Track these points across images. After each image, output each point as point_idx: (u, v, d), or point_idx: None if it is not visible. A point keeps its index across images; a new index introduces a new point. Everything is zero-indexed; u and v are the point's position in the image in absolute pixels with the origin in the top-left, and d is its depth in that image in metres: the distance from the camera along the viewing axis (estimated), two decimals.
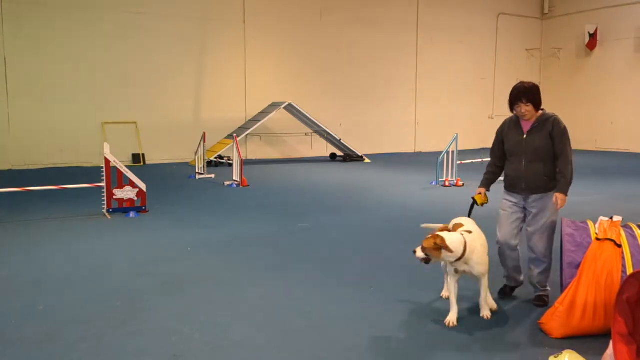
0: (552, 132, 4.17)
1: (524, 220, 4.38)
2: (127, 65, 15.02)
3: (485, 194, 4.52)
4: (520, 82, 4.24)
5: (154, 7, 15.27)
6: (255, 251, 6.07)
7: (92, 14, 14.48)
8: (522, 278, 4.54)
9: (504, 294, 4.54)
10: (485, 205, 4.57)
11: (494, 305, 4.19)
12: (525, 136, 4.25)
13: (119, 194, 7.92)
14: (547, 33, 23.00)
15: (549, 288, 4.42)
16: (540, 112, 4.26)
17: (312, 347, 3.61)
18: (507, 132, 4.40)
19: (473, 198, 4.50)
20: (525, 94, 4.15)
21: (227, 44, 16.46)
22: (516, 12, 22.27)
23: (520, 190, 4.29)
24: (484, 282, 4.02)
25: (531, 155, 4.21)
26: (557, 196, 4.15)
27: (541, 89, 4.28)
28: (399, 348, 3.59)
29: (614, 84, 20.70)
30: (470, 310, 4.25)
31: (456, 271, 3.93)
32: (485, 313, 4.06)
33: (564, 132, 4.17)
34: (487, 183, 4.54)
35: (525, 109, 4.18)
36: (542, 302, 4.32)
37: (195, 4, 15.83)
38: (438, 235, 3.81)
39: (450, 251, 3.77)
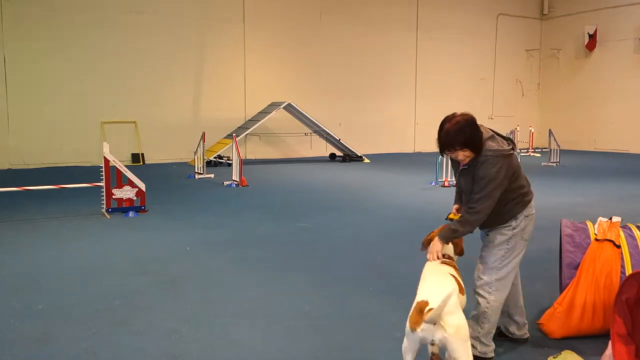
0: (475, 175, 3.27)
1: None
2: (127, 64, 15.02)
3: (459, 209, 3.67)
4: (448, 122, 3.26)
5: (153, 7, 15.26)
6: (254, 251, 6.07)
7: (91, 13, 14.47)
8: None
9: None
10: None
11: None
12: (458, 176, 3.50)
13: (118, 193, 7.91)
14: (547, 34, 23.02)
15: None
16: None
17: (312, 348, 3.61)
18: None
19: (448, 218, 3.61)
20: (460, 142, 3.20)
21: (227, 44, 16.46)
22: (516, 13, 22.28)
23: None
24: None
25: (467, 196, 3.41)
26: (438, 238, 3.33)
27: (541, 90, 4.18)
28: (398, 348, 3.59)
29: (613, 85, 20.71)
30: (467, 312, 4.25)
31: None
32: None
33: (490, 176, 3.20)
34: (459, 197, 3.69)
35: (463, 154, 3.27)
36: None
37: (195, 3, 15.83)
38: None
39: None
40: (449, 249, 3.43)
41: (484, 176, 3.21)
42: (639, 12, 19.60)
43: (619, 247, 3.73)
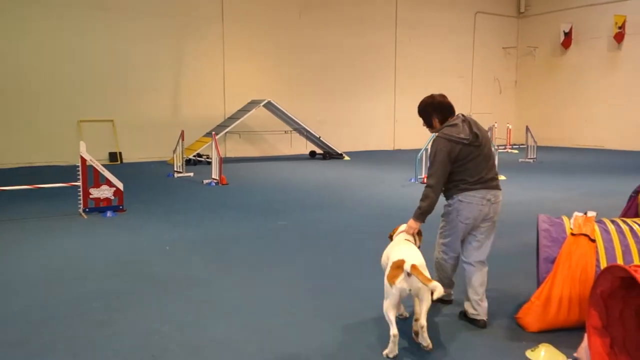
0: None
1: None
2: (104, 62, 14.83)
3: None
4: (423, 98, 4.09)
5: (132, 4, 15.08)
6: (234, 250, 6.05)
7: (68, 9, 14.26)
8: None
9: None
10: None
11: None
12: None
13: (95, 193, 7.82)
14: (523, 31, 23.29)
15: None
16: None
17: (293, 345, 3.61)
18: None
19: None
20: (418, 112, 4.12)
21: (206, 41, 16.34)
22: (493, 11, 22.50)
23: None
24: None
25: None
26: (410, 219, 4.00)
27: (518, 87, 4.33)
28: (379, 344, 3.61)
29: (588, 82, 21.05)
30: (447, 307, 4.29)
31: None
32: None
33: (433, 155, 3.91)
34: None
35: (423, 122, 4.13)
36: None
37: (173, 1, 15.68)
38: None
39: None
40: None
41: (430, 153, 3.99)
42: (612, 10, 19.93)
43: (594, 241, 3.80)
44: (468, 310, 3.99)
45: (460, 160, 3.87)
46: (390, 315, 3.36)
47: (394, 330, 3.34)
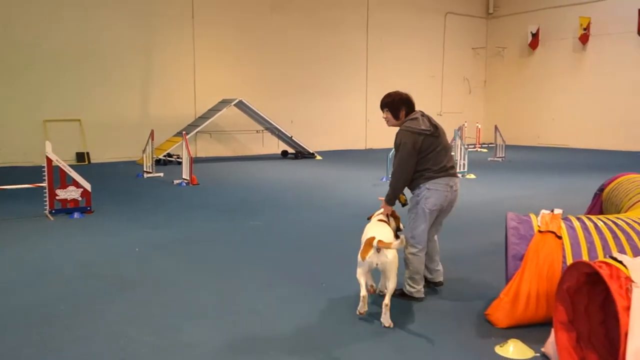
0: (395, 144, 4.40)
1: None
2: (71, 60, 14.53)
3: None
4: (388, 93, 4.50)
5: (98, 1, 14.81)
6: (205, 250, 5.99)
7: (34, 6, 13.93)
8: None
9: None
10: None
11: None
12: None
13: (62, 194, 7.66)
14: (492, 32, 23.66)
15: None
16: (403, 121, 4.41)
17: (265, 346, 3.59)
18: None
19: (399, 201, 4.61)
20: (386, 104, 4.48)
21: (176, 40, 16.16)
22: (463, 12, 22.80)
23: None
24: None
25: None
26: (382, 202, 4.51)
27: (487, 87, 4.48)
28: (350, 344, 3.62)
29: (554, 82, 21.51)
30: (419, 305, 4.33)
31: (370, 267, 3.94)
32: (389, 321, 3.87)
33: (398, 146, 4.34)
34: None
35: (386, 114, 4.51)
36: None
37: None
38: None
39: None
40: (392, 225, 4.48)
41: (395, 145, 4.37)
42: (578, 12, 20.40)
43: (560, 238, 3.87)
44: (428, 275, 4.59)
45: (424, 150, 4.27)
46: (361, 280, 3.92)
47: (363, 292, 3.90)
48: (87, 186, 7.84)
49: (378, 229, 4.11)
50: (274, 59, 17.90)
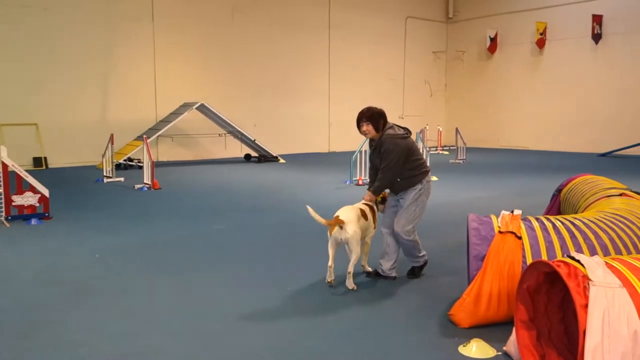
0: (380, 151, 4.90)
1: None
2: (26, 63, 14.10)
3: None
4: (366, 108, 4.96)
5: (57, 3, 14.44)
6: (167, 256, 5.90)
7: None
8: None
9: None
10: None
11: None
12: (372, 156, 5.11)
13: (18, 200, 7.43)
14: (452, 36, 24.07)
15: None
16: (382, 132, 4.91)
17: (230, 351, 3.55)
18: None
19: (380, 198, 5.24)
20: (368, 117, 4.91)
21: (136, 42, 15.87)
22: (423, 16, 23.11)
23: (393, 191, 5.09)
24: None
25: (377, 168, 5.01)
26: (367, 193, 5.05)
27: (447, 90, 4.64)
28: (315, 346, 3.61)
29: (512, 86, 22.02)
30: (382, 305, 4.36)
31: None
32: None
33: (387, 150, 4.82)
34: (374, 172, 5.13)
35: (367, 127, 4.92)
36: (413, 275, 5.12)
37: (101, 0, 15.15)
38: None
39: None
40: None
41: (384, 151, 4.86)
42: (535, 17, 20.95)
43: (520, 238, 3.95)
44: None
45: (415, 151, 4.92)
46: (330, 252, 4.71)
47: (330, 262, 4.68)
48: (45, 192, 7.63)
49: (345, 211, 4.78)
50: (236, 61, 17.77)
